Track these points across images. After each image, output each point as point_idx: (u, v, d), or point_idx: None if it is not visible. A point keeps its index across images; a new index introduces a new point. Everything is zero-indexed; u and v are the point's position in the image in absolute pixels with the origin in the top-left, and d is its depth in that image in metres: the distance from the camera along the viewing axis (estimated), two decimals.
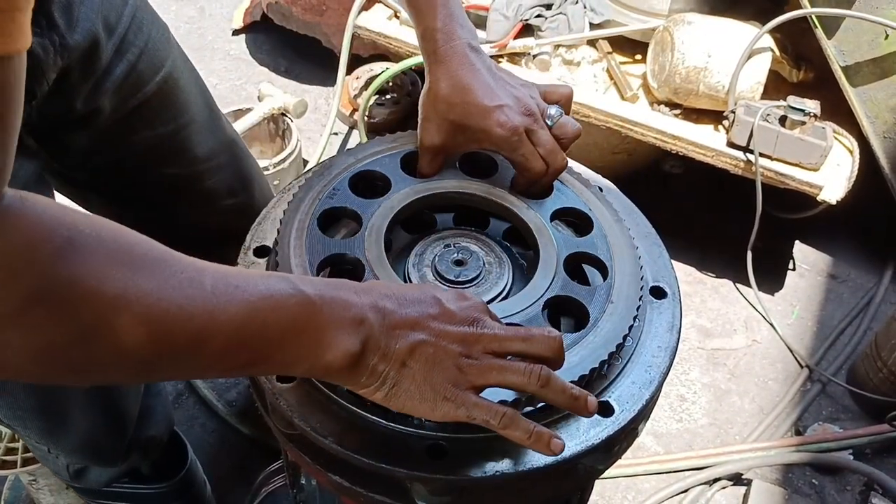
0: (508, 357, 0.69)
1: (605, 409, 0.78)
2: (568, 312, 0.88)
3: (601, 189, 1.01)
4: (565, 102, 0.95)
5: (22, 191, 0.50)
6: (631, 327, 0.83)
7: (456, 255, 0.88)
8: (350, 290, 0.65)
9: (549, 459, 0.73)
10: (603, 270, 0.87)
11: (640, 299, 0.85)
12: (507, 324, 0.79)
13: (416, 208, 0.91)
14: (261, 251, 0.91)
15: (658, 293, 0.90)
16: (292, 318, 0.60)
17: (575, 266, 0.89)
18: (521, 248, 0.95)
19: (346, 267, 0.84)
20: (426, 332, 0.66)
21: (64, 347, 0.52)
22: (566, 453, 0.74)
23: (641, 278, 0.88)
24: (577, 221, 0.95)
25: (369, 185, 0.92)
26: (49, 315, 0.50)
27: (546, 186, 0.94)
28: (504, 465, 0.73)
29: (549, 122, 0.92)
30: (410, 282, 0.87)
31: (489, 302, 0.86)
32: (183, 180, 1.18)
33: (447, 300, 0.69)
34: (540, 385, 0.67)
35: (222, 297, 0.57)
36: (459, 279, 0.87)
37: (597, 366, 0.80)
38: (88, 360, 0.54)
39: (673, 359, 0.84)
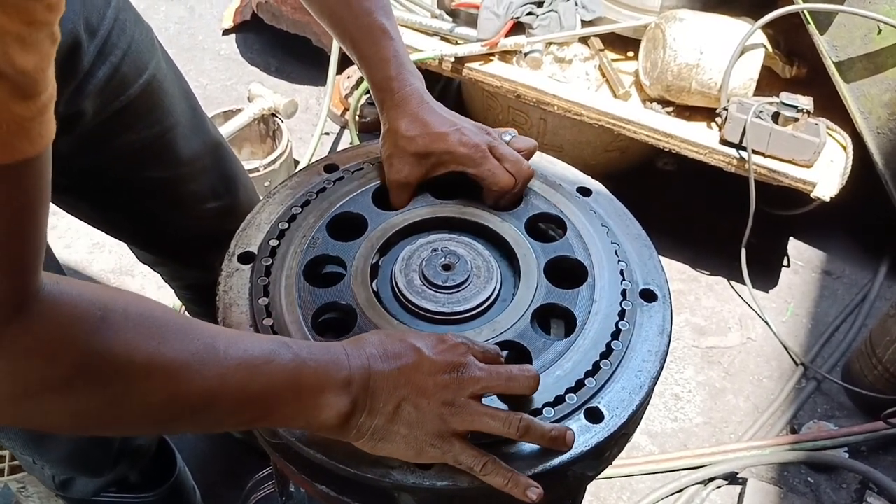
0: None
1: (595, 416, 0.77)
2: (556, 315, 0.88)
3: (590, 190, 1.00)
4: (514, 133, 0.99)
5: (55, 275, 0.55)
6: (618, 328, 0.83)
7: (443, 259, 0.88)
8: (341, 353, 0.70)
9: (537, 468, 0.73)
10: (582, 270, 0.88)
11: (623, 294, 0.86)
12: (499, 343, 0.81)
13: (395, 242, 0.92)
14: (245, 257, 0.90)
15: (648, 296, 0.89)
16: (290, 382, 0.66)
17: (556, 270, 0.89)
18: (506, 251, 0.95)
19: (339, 313, 0.85)
20: (408, 387, 0.70)
21: (99, 410, 0.59)
22: (556, 460, 0.74)
23: (622, 272, 0.88)
24: (553, 226, 0.96)
25: (347, 225, 0.93)
26: (87, 385, 0.56)
27: (516, 197, 0.95)
28: None
29: (505, 140, 0.96)
30: (398, 287, 0.86)
31: (479, 307, 0.85)
32: (167, 183, 1.17)
33: (427, 348, 0.72)
34: (520, 434, 0.71)
35: (232, 361, 0.63)
36: (447, 284, 0.86)
37: (590, 368, 0.80)
38: (119, 419, 0.61)
39: (664, 363, 0.83)
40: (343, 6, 0.93)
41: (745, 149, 1.78)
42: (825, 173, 1.79)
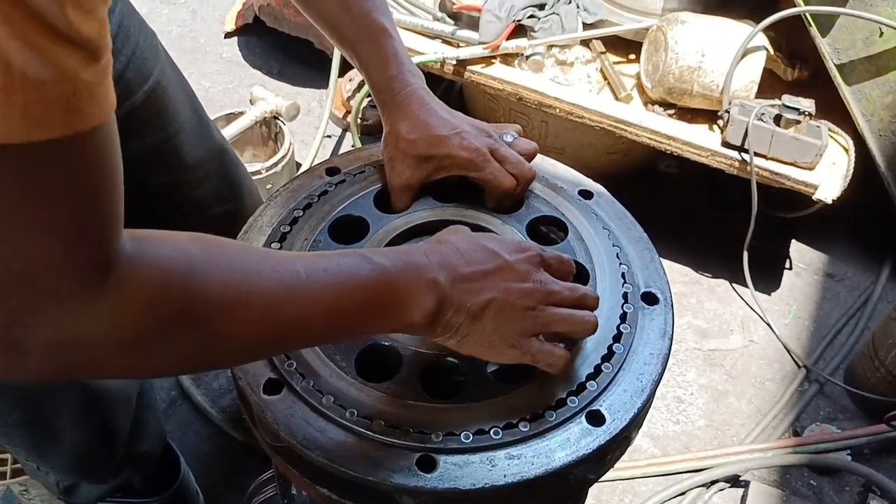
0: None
1: (597, 419, 0.77)
2: None
3: (591, 193, 1.00)
4: (517, 132, 0.99)
5: (134, 230, 0.56)
6: (619, 331, 0.83)
7: None
8: (421, 255, 0.72)
9: (539, 471, 0.73)
10: (583, 273, 0.88)
11: (624, 297, 0.86)
12: None
13: (397, 244, 0.93)
14: None
15: (650, 299, 0.89)
16: (376, 291, 0.68)
17: None
18: None
19: None
20: (494, 289, 0.73)
21: (202, 350, 0.61)
22: (556, 463, 0.74)
23: (623, 275, 0.89)
24: (554, 228, 0.96)
25: (348, 228, 0.93)
26: (187, 329, 0.58)
27: (518, 199, 0.96)
28: (494, 477, 0.72)
29: (507, 142, 0.96)
30: None
31: None
32: (172, 188, 1.17)
33: (508, 254, 0.76)
34: (588, 333, 0.78)
35: (316, 282, 0.65)
36: None
37: (592, 371, 0.80)
38: (221, 356, 0.64)
39: (665, 366, 0.83)
40: (340, 8, 0.93)
41: (746, 151, 1.78)
42: (827, 176, 1.78)
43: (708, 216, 2.21)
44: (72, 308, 0.52)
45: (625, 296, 0.87)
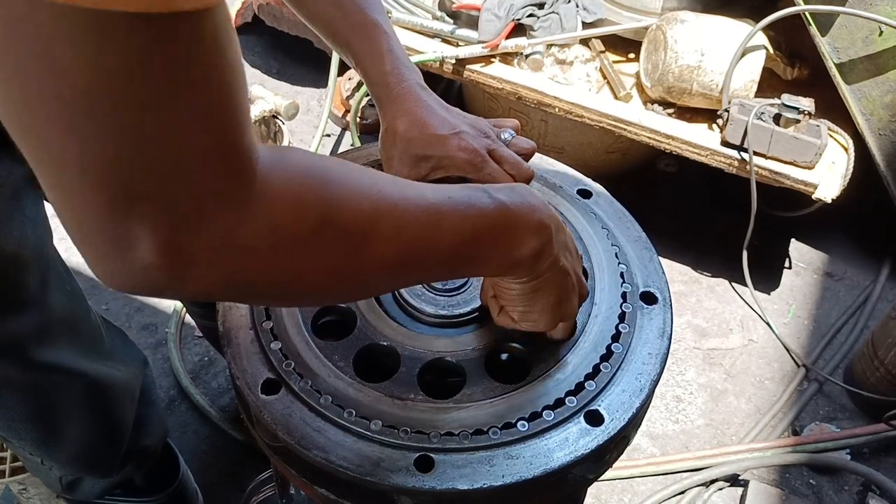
0: None
1: (595, 419, 0.77)
2: None
3: (590, 192, 1.00)
4: (514, 129, 0.98)
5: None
6: (618, 330, 0.83)
7: None
8: (534, 197, 0.73)
9: (537, 471, 0.73)
10: (583, 273, 0.88)
11: (623, 297, 0.86)
12: (499, 345, 0.84)
13: None
14: None
15: (649, 298, 0.89)
16: (494, 222, 0.68)
17: None
18: None
19: (338, 315, 0.86)
20: (567, 261, 0.77)
21: (345, 261, 0.59)
22: (555, 464, 0.73)
23: (622, 275, 0.89)
24: None
25: None
26: (333, 235, 0.57)
27: None
28: (492, 478, 0.72)
29: (505, 140, 0.96)
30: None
31: (479, 310, 0.86)
32: None
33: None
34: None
35: (443, 205, 0.65)
36: (447, 287, 0.86)
37: (590, 370, 0.80)
38: (361, 269, 0.61)
39: (664, 366, 0.83)
40: (333, 7, 0.92)
41: (746, 150, 1.78)
42: (827, 175, 1.78)
43: (707, 215, 2.21)
44: (231, 208, 0.50)
45: (623, 295, 0.87)
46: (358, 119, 2.24)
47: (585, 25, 2.00)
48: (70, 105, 0.43)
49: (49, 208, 1.03)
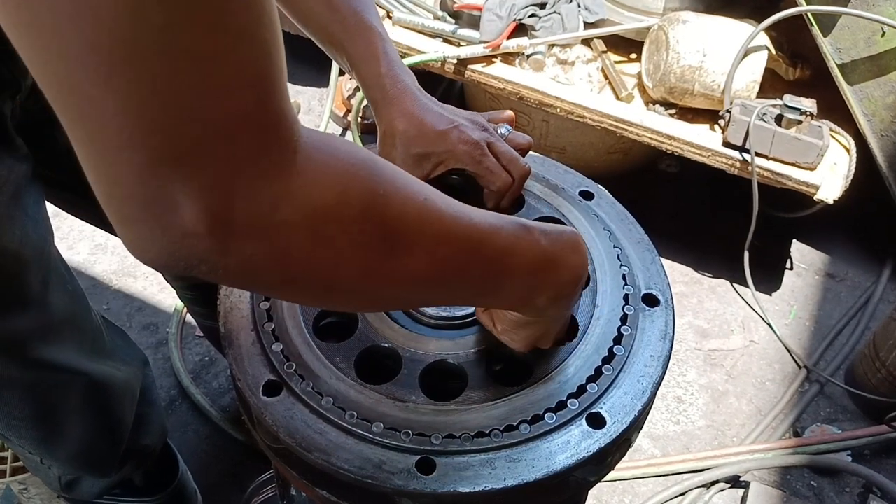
0: None
1: (597, 421, 0.77)
2: None
3: (591, 194, 1.00)
4: (510, 123, 0.97)
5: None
6: (620, 333, 0.83)
7: None
8: (577, 248, 0.72)
9: (539, 474, 0.72)
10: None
11: (625, 299, 0.86)
12: (500, 349, 0.82)
13: None
14: None
15: (650, 301, 0.88)
16: (528, 267, 0.67)
17: None
18: None
19: (340, 317, 0.85)
20: (569, 311, 0.78)
21: (382, 261, 0.55)
22: (557, 466, 0.73)
23: (624, 277, 0.88)
24: None
25: None
26: (373, 229, 0.54)
27: (515, 197, 0.94)
28: (494, 480, 0.72)
29: (501, 135, 0.95)
30: None
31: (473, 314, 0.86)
32: None
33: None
34: None
35: (486, 232, 0.63)
36: None
37: (592, 373, 0.80)
38: (399, 277, 0.58)
39: (666, 368, 0.82)
40: (327, 9, 0.92)
41: (748, 151, 1.77)
42: (828, 176, 1.78)
43: (709, 216, 2.21)
44: (274, 176, 0.47)
45: (626, 297, 0.87)
46: (359, 119, 2.24)
47: (587, 25, 1.99)
48: (109, 54, 0.40)
49: (50, 208, 1.03)
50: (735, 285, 2.07)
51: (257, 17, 0.44)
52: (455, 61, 1.94)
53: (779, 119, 1.76)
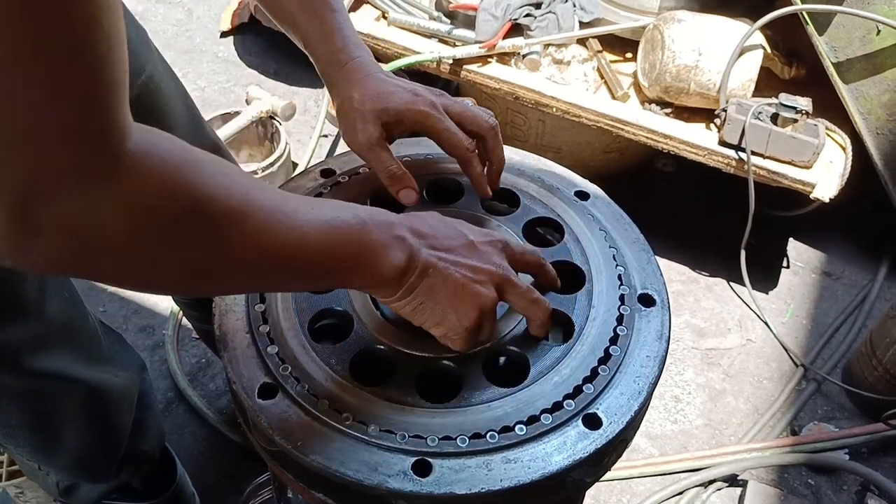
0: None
1: (594, 422, 0.77)
2: (554, 321, 0.87)
3: (587, 194, 1.00)
4: (472, 104, 0.98)
5: (139, 123, 0.55)
6: (616, 333, 0.83)
7: None
8: (393, 216, 0.74)
9: (535, 475, 0.72)
10: (580, 275, 0.88)
11: (621, 299, 0.86)
12: (497, 348, 0.83)
13: None
14: None
15: (646, 301, 0.88)
16: (356, 238, 0.69)
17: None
18: None
19: (335, 319, 0.85)
20: (456, 264, 0.75)
21: (203, 257, 0.60)
22: (553, 467, 0.73)
23: (620, 277, 0.88)
24: (550, 230, 0.96)
25: None
26: (194, 229, 0.57)
27: (497, 155, 0.93)
28: (490, 482, 0.72)
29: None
30: None
31: None
32: None
33: (473, 235, 0.78)
34: (542, 322, 0.81)
35: (306, 216, 0.66)
36: None
37: (588, 374, 0.80)
38: (217, 268, 0.62)
39: (662, 368, 0.82)
40: None
41: (744, 150, 1.77)
42: (824, 174, 1.78)
43: (705, 215, 2.21)
44: (88, 182, 0.49)
45: (621, 298, 0.87)
46: None
47: (582, 25, 1.99)
48: None
49: None
50: (732, 284, 2.07)
51: (85, 31, 0.46)
52: (451, 61, 1.94)
53: (774, 118, 1.76)
